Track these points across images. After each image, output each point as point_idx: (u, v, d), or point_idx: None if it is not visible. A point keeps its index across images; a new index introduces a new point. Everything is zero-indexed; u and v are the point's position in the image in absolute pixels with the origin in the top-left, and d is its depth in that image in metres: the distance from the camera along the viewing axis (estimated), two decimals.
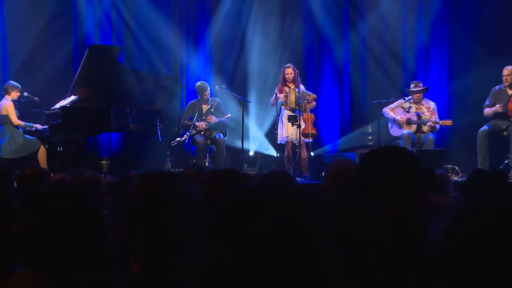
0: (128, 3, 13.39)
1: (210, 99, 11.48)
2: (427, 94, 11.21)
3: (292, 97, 10.73)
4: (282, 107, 11.04)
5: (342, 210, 2.11)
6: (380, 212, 2.33)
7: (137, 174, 2.20)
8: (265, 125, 13.01)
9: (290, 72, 10.99)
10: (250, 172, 9.63)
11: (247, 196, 1.55)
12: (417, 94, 10.93)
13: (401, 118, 10.93)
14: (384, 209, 2.38)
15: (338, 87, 13.45)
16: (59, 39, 13.03)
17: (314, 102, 10.92)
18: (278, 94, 11.05)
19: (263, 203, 1.51)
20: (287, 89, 10.90)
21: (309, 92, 10.94)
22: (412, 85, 11.13)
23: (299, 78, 11.00)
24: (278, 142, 11.15)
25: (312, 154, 11.02)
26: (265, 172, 5.59)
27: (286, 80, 11.05)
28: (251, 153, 12.95)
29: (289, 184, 1.63)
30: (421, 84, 11.05)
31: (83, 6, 13.13)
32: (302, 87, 11.08)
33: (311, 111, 10.89)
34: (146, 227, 2.00)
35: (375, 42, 13.27)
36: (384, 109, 11.14)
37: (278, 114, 10.99)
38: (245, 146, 11.79)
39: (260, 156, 12.92)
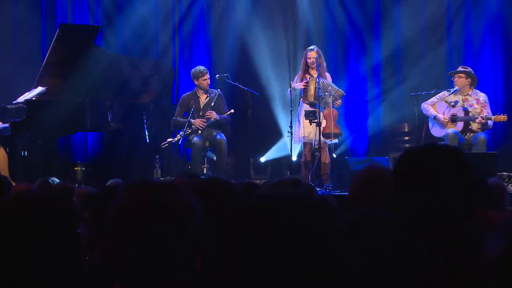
0: None
1: (209, 90, 11.43)
2: (477, 85, 11.15)
3: (312, 88, 10.70)
4: (301, 100, 11.02)
5: (370, 226, 2.10)
6: (419, 230, 2.31)
7: (127, 183, 2.21)
8: (277, 122, 13.00)
9: (313, 55, 10.93)
10: (258, 181, 9.63)
11: (254, 210, 1.54)
12: (459, 78, 10.89)
13: (444, 117, 10.89)
14: (425, 226, 2.36)
15: (367, 76, 13.44)
16: (23, 18, 13.04)
17: (340, 100, 10.87)
18: (292, 84, 11.02)
19: (274, 217, 1.51)
20: (309, 78, 10.87)
21: (335, 86, 10.86)
22: None
23: (324, 65, 10.97)
24: (294, 143, 11.12)
25: (334, 155, 10.99)
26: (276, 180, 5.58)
27: (309, 66, 11.01)
28: (262, 159, 12.94)
29: (305, 195, 1.63)
30: (464, 70, 11.02)
31: None
32: (328, 76, 11.03)
33: (337, 109, 10.86)
34: (138, 246, 2.00)
35: (412, 22, 13.24)
36: (422, 105, 11.10)
37: (292, 109, 10.97)
38: (253, 149, 11.78)
39: (271, 161, 12.92)
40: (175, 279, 2.02)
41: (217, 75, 11.69)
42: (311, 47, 11.20)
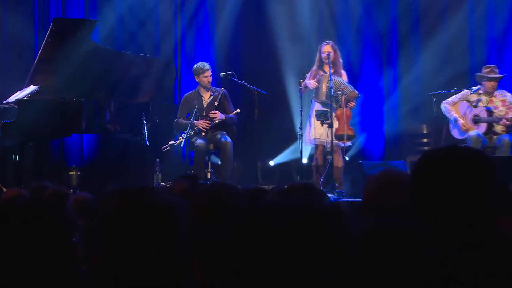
0: None
1: (213, 89, 11.40)
2: (502, 83, 11.11)
3: (324, 86, 10.68)
4: (313, 99, 10.99)
5: (383, 233, 2.10)
6: (437, 236, 2.31)
7: (107, 191, 2.21)
8: (286, 123, 12.99)
9: (328, 49, 10.89)
10: (266, 187, 9.63)
11: (261, 215, 1.55)
12: (492, 83, 10.84)
13: (464, 123, 10.83)
14: (443, 231, 2.36)
15: (383, 73, 13.41)
16: (14, 12, 13.05)
17: (354, 102, 10.85)
18: (302, 82, 10.96)
19: (283, 223, 1.52)
20: (321, 75, 10.83)
21: (350, 86, 10.82)
22: (485, 70, 11.02)
23: (339, 62, 10.93)
24: (304, 145, 11.09)
25: (346, 158, 10.96)
26: (286, 186, 5.58)
27: (323, 62, 10.97)
28: (272, 163, 12.94)
29: (316, 201, 1.64)
30: (497, 70, 10.96)
31: None
32: (343, 74, 10.98)
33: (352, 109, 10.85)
34: (128, 252, 2.01)
35: (431, 14, 13.21)
36: (443, 104, 11.07)
37: (302, 109, 10.94)
38: (261, 152, 11.78)
39: (280, 165, 12.92)
40: (172, 282, 2.03)
41: (222, 73, 11.65)
42: (326, 41, 11.17)
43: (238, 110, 11.29)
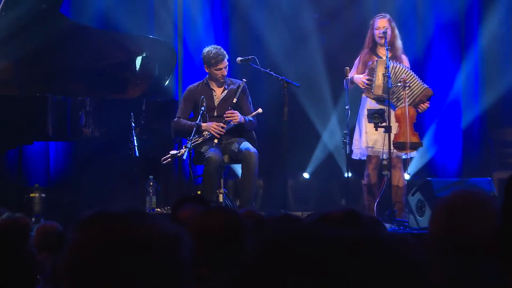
0: None
1: (228, 80, 11.32)
2: None
3: (380, 76, 10.61)
4: (363, 94, 10.96)
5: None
6: None
7: (82, 218, 2.22)
8: (328, 128, 13.02)
9: (383, 25, 10.84)
10: (300, 214, 9.62)
11: (292, 246, 1.56)
12: None
13: None
14: None
15: (460, 59, 13.41)
16: None
17: (428, 103, 10.84)
18: (349, 72, 10.90)
19: (322, 259, 1.53)
20: (376, 61, 10.78)
21: (417, 78, 10.80)
22: None
23: (399, 44, 10.91)
24: (353, 157, 11.06)
25: (408, 175, 10.93)
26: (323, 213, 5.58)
27: (377, 43, 10.93)
28: (306, 175, 12.95)
29: (370, 233, 1.64)
30: None
31: None
32: (404, 60, 10.97)
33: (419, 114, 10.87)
34: None
35: None
36: None
37: (349, 107, 10.90)
38: (292, 166, 11.78)
39: (319, 183, 12.94)
40: None
41: (239, 58, 11.56)
42: (381, 14, 11.11)
43: (260, 110, 11.10)
